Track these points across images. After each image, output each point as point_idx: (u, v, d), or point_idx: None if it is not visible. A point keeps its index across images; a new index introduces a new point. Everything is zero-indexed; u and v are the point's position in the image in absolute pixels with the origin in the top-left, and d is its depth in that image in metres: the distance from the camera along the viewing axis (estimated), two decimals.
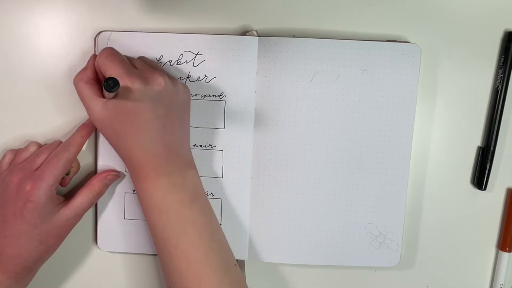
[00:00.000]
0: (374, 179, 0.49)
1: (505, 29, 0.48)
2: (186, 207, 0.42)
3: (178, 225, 0.42)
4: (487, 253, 0.52)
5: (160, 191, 0.42)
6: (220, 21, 0.48)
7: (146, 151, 0.42)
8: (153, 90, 0.41)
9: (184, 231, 0.42)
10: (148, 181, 0.42)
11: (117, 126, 0.41)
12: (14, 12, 0.48)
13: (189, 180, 0.44)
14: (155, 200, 0.42)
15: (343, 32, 0.48)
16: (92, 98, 0.41)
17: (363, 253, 0.50)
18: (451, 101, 0.49)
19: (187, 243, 0.41)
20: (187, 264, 0.41)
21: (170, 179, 0.42)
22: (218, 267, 0.42)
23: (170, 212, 0.42)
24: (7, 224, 0.43)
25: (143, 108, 0.40)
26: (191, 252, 0.41)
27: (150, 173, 0.42)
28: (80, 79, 0.42)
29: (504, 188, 0.51)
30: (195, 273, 0.41)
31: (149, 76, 0.41)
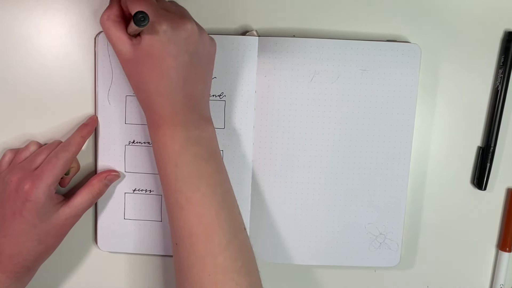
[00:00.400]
0: (374, 179, 0.49)
1: (505, 29, 0.48)
2: (201, 161, 0.41)
3: (192, 179, 0.40)
4: (487, 253, 0.52)
5: (177, 141, 0.41)
6: (220, 21, 0.48)
7: (166, 98, 0.40)
8: (180, 35, 0.39)
9: (198, 185, 0.40)
10: (165, 130, 0.41)
11: (142, 68, 0.40)
12: (14, 12, 0.48)
13: (206, 136, 0.43)
14: (171, 150, 0.41)
15: (343, 32, 0.48)
16: (120, 38, 0.40)
17: (363, 253, 0.50)
18: (451, 101, 0.49)
19: (199, 198, 0.40)
20: (197, 220, 0.40)
21: (187, 130, 0.41)
22: (228, 226, 0.40)
23: (185, 165, 0.40)
24: (6, 223, 0.43)
25: (169, 52, 0.39)
26: (203, 208, 0.40)
27: (168, 121, 0.41)
28: (108, 17, 0.40)
29: (504, 188, 0.51)
30: (205, 230, 0.40)
31: (178, 20, 0.39)
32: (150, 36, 0.39)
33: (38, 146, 0.47)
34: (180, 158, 0.41)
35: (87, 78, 0.49)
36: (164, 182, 0.42)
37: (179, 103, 0.41)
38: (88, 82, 0.49)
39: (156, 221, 0.50)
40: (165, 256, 0.51)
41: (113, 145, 0.49)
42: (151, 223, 0.50)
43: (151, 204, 0.50)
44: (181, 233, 0.40)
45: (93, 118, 0.48)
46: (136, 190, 0.49)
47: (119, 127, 0.49)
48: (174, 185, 0.41)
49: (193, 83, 0.41)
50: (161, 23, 0.38)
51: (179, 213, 0.41)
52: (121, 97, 0.48)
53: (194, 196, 0.40)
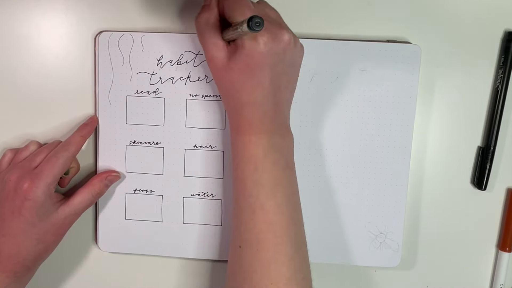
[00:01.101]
0: (374, 179, 0.49)
1: (505, 29, 0.48)
2: (280, 170, 0.41)
3: (270, 186, 0.40)
4: (487, 253, 0.52)
5: (260, 147, 0.41)
6: None
7: (256, 107, 0.40)
8: (279, 46, 0.39)
9: (274, 193, 0.40)
10: (250, 135, 0.41)
11: (236, 77, 0.39)
12: (14, 12, 0.48)
13: (286, 144, 0.43)
14: (253, 155, 0.41)
15: (343, 32, 0.48)
16: (216, 44, 0.39)
17: (363, 253, 0.50)
18: (451, 101, 0.49)
19: (273, 205, 0.40)
20: (268, 227, 0.40)
21: (271, 138, 0.41)
22: (295, 238, 0.40)
23: (265, 171, 0.40)
24: (5, 222, 0.43)
25: (266, 63, 0.39)
26: (275, 216, 0.40)
27: (255, 128, 0.41)
28: (206, 21, 0.40)
29: (504, 188, 0.51)
30: (274, 239, 0.39)
31: (278, 31, 0.39)
32: (250, 46, 0.38)
33: (38, 145, 0.47)
34: (261, 164, 0.40)
35: (87, 78, 0.49)
36: (239, 185, 0.42)
37: (268, 111, 0.41)
38: (88, 82, 0.49)
39: (157, 222, 0.50)
40: (166, 257, 0.51)
41: (114, 145, 0.49)
42: (152, 223, 0.50)
43: (152, 204, 0.49)
44: (248, 237, 0.40)
45: (93, 118, 0.48)
46: (137, 190, 0.49)
47: (120, 127, 0.49)
48: (250, 189, 0.41)
49: (282, 91, 0.42)
50: (263, 33, 0.38)
51: (250, 217, 0.40)
52: (121, 97, 0.48)
53: (269, 203, 0.40)
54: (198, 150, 0.48)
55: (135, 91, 0.48)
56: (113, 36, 0.47)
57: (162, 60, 0.48)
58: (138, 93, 0.48)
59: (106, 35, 0.47)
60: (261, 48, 0.38)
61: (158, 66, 0.48)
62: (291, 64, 0.41)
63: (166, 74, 0.48)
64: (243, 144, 0.41)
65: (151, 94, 0.48)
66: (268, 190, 0.40)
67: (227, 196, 0.49)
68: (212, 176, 0.49)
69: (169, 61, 0.48)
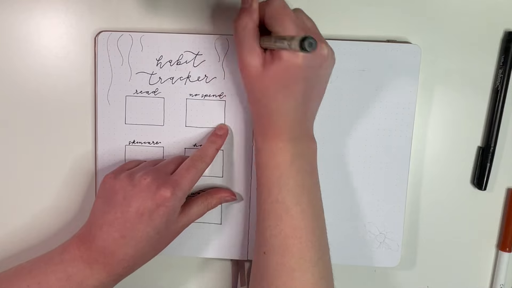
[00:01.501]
0: (374, 179, 0.49)
1: (505, 29, 0.48)
2: (305, 175, 0.41)
3: (296, 192, 0.40)
4: (487, 253, 0.52)
5: (287, 154, 0.40)
6: (220, 21, 0.48)
7: (286, 116, 0.40)
8: (317, 60, 0.38)
9: (299, 199, 0.40)
10: (277, 142, 0.41)
11: (269, 86, 0.39)
12: (14, 12, 0.48)
13: (312, 151, 0.43)
14: (280, 161, 0.41)
15: (343, 32, 0.48)
16: (254, 51, 0.38)
17: (362, 253, 0.49)
18: (451, 101, 0.49)
19: (299, 211, 0.40)
20: (293, 233, 0.40)
21: (298, 144, 0.41)
22: (319, 244, 0.41)
23: (291, 177, 0.40)
24: (129, 223, 0.40)
25: (302, 76, 0.38)
26: (301, 221, 0.40)
27: (282, 135, 0.41)
28: (246, 25, 0.38)
29: (504, 188, 0.51)
30: (299, 244, 0.40)
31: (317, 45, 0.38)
32: (288, 58, 0.37)
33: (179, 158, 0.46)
34: (287, 170, 0.40)
35: (86, 78, 0.49)
36: (264, 191, 0.41)
37: (297, 121, 0.41)
38: (88, 82, 0.49)
39: None
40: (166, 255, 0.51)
41: (113, 145, 0.49)
42: None
43: None
44: (273, 242, 0.40)
45: (225, 128, 0.48)
46: None
47: (119, 127, 0.49)
48: (276, 195, 0.41)
49: (312, 101, 0.42)
50: None
51: (275, 223, 0.40)
52: (121, 97, 0.48)
53: (295, 209, 0.40)
54: (198, 149, 0.48)
55: (135, 91, 0.48)
56: (112, 36, 0.47)
57: (162, 60, 0.48)
58: (138, 93, 0.48)
59: (105, 35, 0.47)
60: (299, 61, 0.37)
61: (157, 66, 0.48)
62: (324, 76, 0.41)
63: (165, 74, 0.48)
64: (270, 151, 0.41)
65: (150, 94, 0.48)
66: (294, 196, 0.40)
67: None
68: (212, 175, 0.49)
69: (169, 61, 0.48)
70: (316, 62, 0.38)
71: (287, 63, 0.37)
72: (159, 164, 0.45)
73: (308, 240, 0.40)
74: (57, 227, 0.51)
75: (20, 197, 0.51)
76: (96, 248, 0.41)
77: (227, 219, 0.50)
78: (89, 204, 0.49)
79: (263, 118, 0.41)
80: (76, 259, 0.41)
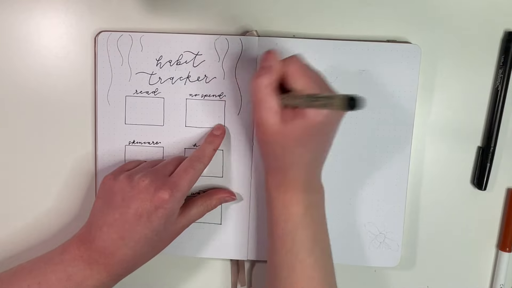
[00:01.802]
0: (373, 178, 0.49)
1: (505, 29, 0.48)
2: (318, 225, 0.42)
3: (309, 242, 0.41)
4: (487, 253, 0.52)
5: (302, 205, 0.41)
6: (220, 21, 0.48)
7: (303, 169, 0.40)
8: (335, 117, 0.39)
9: (313, 249, 0.41)
10: (292, 195, 0.41)
11: (289, 142, 0.39)
12: (14, 12, 0.48)
13: (321, 197, 0.43)
14: (294, 213, 0.41)
15: (343, 32, 0.48)
16: (273, 109, 0.38)
17: (362, 253, 0.49)
18: (451, 101, 0.49)
19: (313, 261, 0.40)
20: (308, 283, 0.40)
21: (310, 195, 0.42)
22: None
23: (305, 228, 0.41)
24: (128, 224, 0.41)
25: (323, 132, 0.39)
26: (314, 271, 0.40)
27: (298, 187, 0.41)
28: (268, 84, 0.38)
29: (504, 188, 0.51)
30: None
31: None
32: (312, 116, 0.37)
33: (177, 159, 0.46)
34: (301, 221, 0.41)
35: (87, 78, 0.49)
36: (278, 242, 0.41)
37: (314, 172, 0.41)
38: (88, 82, 0.49)
39: None
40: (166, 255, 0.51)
41: (113, 146, 0.49)
42: None
43: None
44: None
45: (222, 128, 0.48)
46: None
47: (119, 127, 0.49)
48: (290, 246, 0.41)
49: (326, 152, 0.42)
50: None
51: (288, 274, 0.41)
52: (120, 97, 0.48)
53: (308, 260, 0.40)
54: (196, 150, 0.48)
55: (134, 91, 0.48)
56: (112, 36, 0.47)
57: (162, 60, 0.48)
58: (137, 93, 0.48)
59: (105, 35, 0.47)
60: (322, 119, 0.37)
61: (157, 66, 0.48)
62: (338, 126, 0.41)
63: (165, 74, 0.48)
64: (284, 203, 0.41)
65: (150, 94, 0.48)
66: (307, 247, 0.40)
67: None
68: (212, 175, 0.49)
69: (169, 61, 0.48)
70: (338, 117, 0.40)
71: (310, 120, 0.37)
72: (157, 166, 0.45)
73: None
74: (58, 227, 0.51)
75: (20, 197, 0.51)
76: (96, 248, 0.41)
77: (227, 219, 0.50)
78: (89, 204, 0.49)
79: (278, 171, 0.41)
80: (76, 259, 0.41)
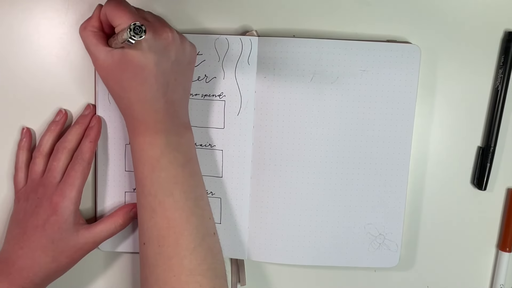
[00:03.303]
0: (373, 179, 0.49)
1: (505, 29, 0.48)
2: (178, 168, 0.42)
3: (167, 184, 0.42)
4: (487, 253, 0.52)
5: (156, 147, 0.42)
6: (220, 21, 0.48)
7: (147, 105, 0.41)
8: (161, 43, 0.40)
9: (172, 191, 0.42)
10: (145, 136, 0.42)
11: (121, 76, 0.40)
12: (14, 12, 0.48)
13: (184, 142, 0.44)
14: (150, 155, 0.42)
15: (343, 32, 0.48)
16: (97, 45, 0.41)
17: (362, 254, 0.49)
18: (451, 101, 0.49)
19: (172, 203, 0.41)
20: (167, 224, 0.41)
21: (167, 137, 0.42)
22: (197, 231, 0.42)
23: (162, 170, 0.42)
24: (26, 235, 0.44)
25: (149, 60, 0.39)
26: (174, 212, 0.41)
27: (149, 128, 0.42)
28: (85, 27, 0.42)
29: (504, 188, 0.51)
30: (174, 234, 0.41)
31: (158, 28, 0.40)
32: (131, 47, 0.39)
33: (42, 155, 0.47)
34: (157, 164, 0.42)
35: (87, 78, 0.49)
36: (139, 185, 0.43)
37: (160, 110, 0.42)
38: (88, 82, 0.49)
39: None
40: None
41: (112, 144, 0.49)
42: None
43: None
44: (150, 234, 0.42)
45: (96, 118, 0.48)
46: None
47: (119, 126, 0.49)
48: (148, 188, 0.42)
49: (173, 89, 0.42)
50: None
51: (150, 216, 0.42)
52: None
53: (167, 201, 0.41)
54: (198, 148, 0.48)
55: None
56: None
57: None
58: None
59: None
60: (141, 45, 0.39)
61: None
62: (179, 61, 0.42)
63: None
64: (140, 145, 0.42)
65: None
66: (165, 188, 0.42)
67: (226, 194, 0.49)
68: (211, 175, 0.49)
69: None
70: (159, 46, 0.40)
71: (131, 52, 0.39)
72: (45, 176, 0.46)
73: (183, 229, 0.41)
74: None
75: None
76: (1, 259, 0.44)
77: (226, 218, 0.50)
78: (88, 204, 0.49)
79: (127, 112, 0.43)
80: None
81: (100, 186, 0.49)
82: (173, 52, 0.41)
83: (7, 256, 0.44)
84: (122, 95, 0.42)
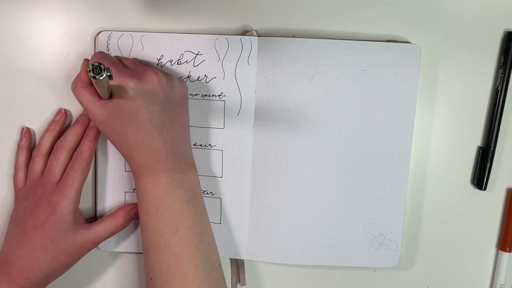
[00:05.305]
0: (374, 179, 0.49)
1: (505, 29, 0.48)
2: (182, 205, 0.43)
3: (172, 222, 0.42)
4: (487, 253, 0.52)
5: (160, 187, 0.42)
6: (220, 21, 0.48)
7: (144, 149, 0.42)
8: (146, 87, 0.41)
9: (177, 229, 0.42)
10: (148, 177, 0.43)
11: (116, 125, 0.42)
12: (14, 12, 0.48)
13: (188, 178, 0.44)
14: (153, 195, 0.42)
15: (343, 32, 0.48)
16: (90, 101, 0.42)
17: (362, 254, 0.49)
18: (451, 101, 0.49)
19: (177, 240, 0.42)
20: (174, 261, 0.42)
21: (169, 176, 0.43)
22: (203, 266, 0.42)
23: (166, 209, 0.42)
24: (26, 235, 0.44)
25: (139, 106, 0.41)
26: (180, 250, 0.42)
27: (150, 169, 0.42)
28: (76, 84, 0.43)
29: (504, 188, 0.51)
30: (181, 270, 0.41)
31: (141, 73, 0.41)
32: (118, 93, 0.40)
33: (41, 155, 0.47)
34: (161, 203, 0.42)
35: None
36: (144, 224, 0.43)
37: (159, 150, 0.42)
38: None
39: None
40: None
41: (112, 145, 0.49)
42: None
43: None
44: (157, 270, 0.42)
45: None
46: None
47: None
48: (153, 227, 0.42)
49: (169, 128, 0.43)
50: (126, 80, 0.40)
51: (156, 253, 0.42)
52: None
53: (173, 238, 0.42)
54: (198, 149, 0.49)
55: None
56: (113, 36, 0.47)
57: (162, 60, 0.48)
58: None
59: (105, 35, 0.47)
60: (128, 93, 0.40)
61: (158, 65, 0.48)
62: (169, 101, 0.43)
63: None
64: (143, 186, 0.43)
65: None
66: (170, 227, 0.42)
67: (226, 194, 0.49)
68: (211, 175, 0.49)
69: (169, 61, 0.48)
70: (146, 90, 0.41)
71: (117, 99, 0.41)
72: (45, 176, 0.46)
73: (190, 265, 0.42)
74: None
75: None
76: (1, 259, 0.45)
77: (226, 218, 0.50)
78: (88, 203, 0.49)
79: (127, 157, 0.44)
80: None
81: (100, 186, 0.49)
82: (161, 93, 0.42)
83: (7, 256, 0.44)
84: (121, 142, 0.43)
